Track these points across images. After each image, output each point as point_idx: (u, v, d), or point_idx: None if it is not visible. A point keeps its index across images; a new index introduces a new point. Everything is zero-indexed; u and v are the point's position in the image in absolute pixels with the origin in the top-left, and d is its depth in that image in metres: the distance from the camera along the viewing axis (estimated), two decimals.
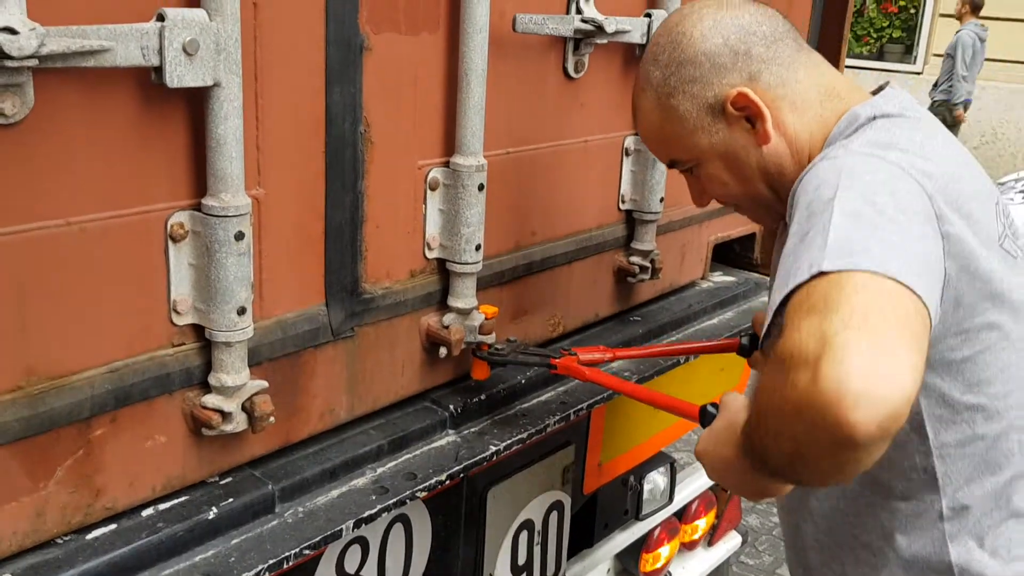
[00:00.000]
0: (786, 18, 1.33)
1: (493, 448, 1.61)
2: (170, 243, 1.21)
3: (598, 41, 1.74)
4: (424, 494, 1.49)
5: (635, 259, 2.04)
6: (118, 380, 1.19)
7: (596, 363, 1.69)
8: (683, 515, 2.64)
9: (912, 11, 12.87)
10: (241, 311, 1.25)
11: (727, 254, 2.57)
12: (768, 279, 2.55)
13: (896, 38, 13.24)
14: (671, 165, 1.41)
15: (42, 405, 1.12)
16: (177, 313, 1.25)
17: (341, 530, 1.37)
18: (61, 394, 1.14)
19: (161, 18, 1.09)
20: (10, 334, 1.08)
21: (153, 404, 1.25)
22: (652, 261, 2.05)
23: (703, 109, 1.29)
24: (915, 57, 13.08)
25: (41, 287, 1.10)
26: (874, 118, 1.26)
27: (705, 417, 1.33)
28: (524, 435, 1.67)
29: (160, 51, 1.09)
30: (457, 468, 1.55)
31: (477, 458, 1.58)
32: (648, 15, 1.84)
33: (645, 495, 2.33)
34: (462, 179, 1.53)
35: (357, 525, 1.39)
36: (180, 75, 1.11)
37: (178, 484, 1.32)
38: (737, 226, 2.47)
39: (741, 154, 1.30)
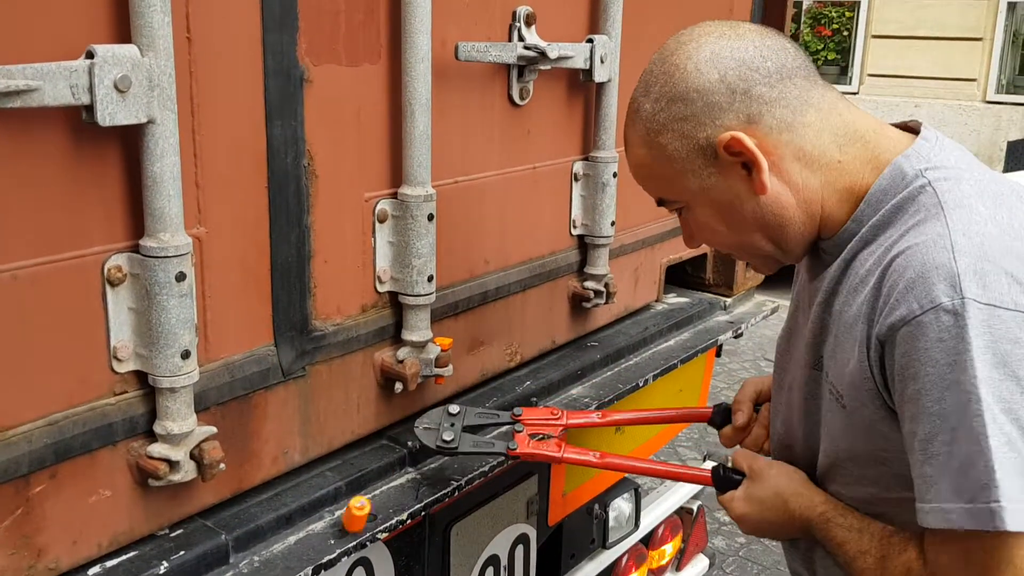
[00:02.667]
0: (800, 49, 1.18)
1: (455, 483, 1.58)
2: (108, 287, 1.17)
3: (542, 68, 1.74)
4: (385, 535, 1.45)
5: (589, 284, 2.02)
6: (57, 433, 1.14)
7: (567, 428, 1.64)
8: (649, 541, 2.62)
9: (845, 33, 13.21)
10: (185, 355, 1.20)
11: (679, 275, 2.57)
12: (721, 299, 2.56)
13: (831, 60, 13.57)
14: (660, 203, 1.28)
15: None
16: (118, 360, 1.20)
17: None
18: None
19: (91, 55, 1.05)
20: None
21: (95, 457, 1.19)
22: (606, 285, 2.04)
23: (694, 150, 1.15)
24: (850, 78, 13.40)
25: None
26: (926, 184, 1.11)
27: (725, 482, 1.38)
28: (486, 468, 1.63)
29: (90, 89, 1.05)
30: (418, 506, 1.50)
31: (439, 495, 1.54)
32: (590, 40, 1.84)
33: (611, 522, 2.30)
34: (411, 210, 1.51)
35: (317, 572, 1.34)
36: (112, 113, 1.07)
37: (125, 539, 1.26)
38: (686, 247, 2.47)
39: (735, 202, 1.18)
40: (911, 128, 1.22)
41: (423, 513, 1.52)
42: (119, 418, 1.21)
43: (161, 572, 1.24)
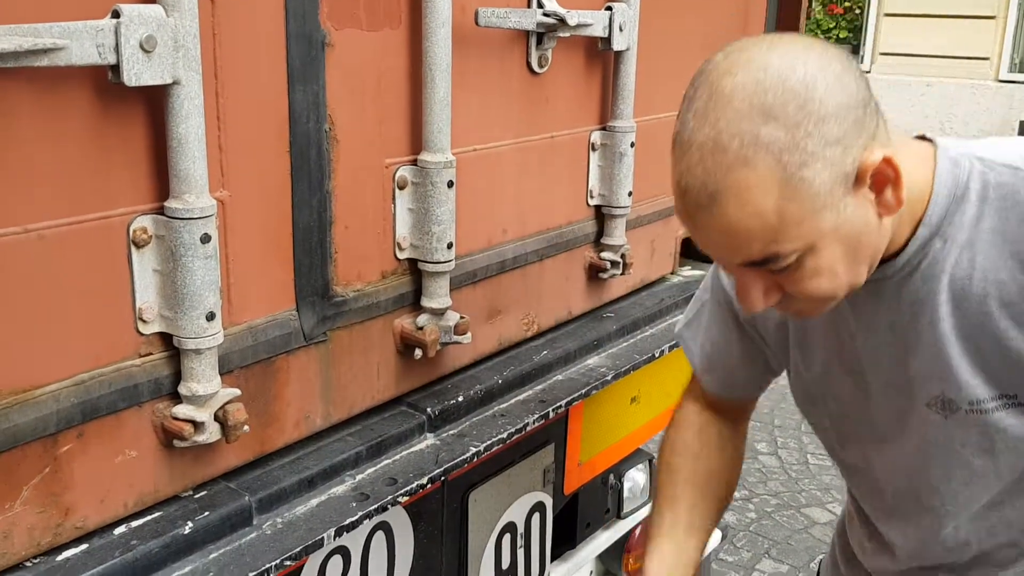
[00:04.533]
0: None
1: (474, 449, 1.59)
2: (133, 249, 1.17)
3: (561, 35, 1.73)
4: (406, 499, 1.46)
5: (606, 255, 2.02)
6: (84, 393, 1.15)
7: None
8: None
9: (857, 11, 13.11)
10: (210, 316, 1.21)
11: (693, 248, 2.56)
12: None
13: (843, 39, 13.47)
14: (763, 263, 1.01)
15: (6, 421, 1.07)
16: (143, 322, 1.20)
17: (323, 539, 1.33)
18: (25, 409, 1.09)
19: (116, 15, 1.05)
20: None
21: (121, 417, 1.20)
22: (623, 256, 2.04)
23: (838, 179, 0.96)
24: (862, 57, 13.31)
25: (3, 298, 1.05)
26: (974, 159, 1.08)
27: None
28: (504, 435, 1.64)
29: (117, 49, 1.05)
30: (438, 471, 1.51)
31: (457, 460, 1.55)
32: (609, 8, 1.84)
33: (625, 493, 2.31)
34: (431, 176, 1.51)
35: (339, 533, 1.35)
36: (138, 73, 1.07)
37: (151, 500, 1.27)
38: None
39: (864, 232, 1.01)
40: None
41: (442, 478, 1.53)
42: (144, 379, 1.21)
43: (186, 532, 1.25)
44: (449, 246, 1.55)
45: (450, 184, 1.52)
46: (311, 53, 1.33)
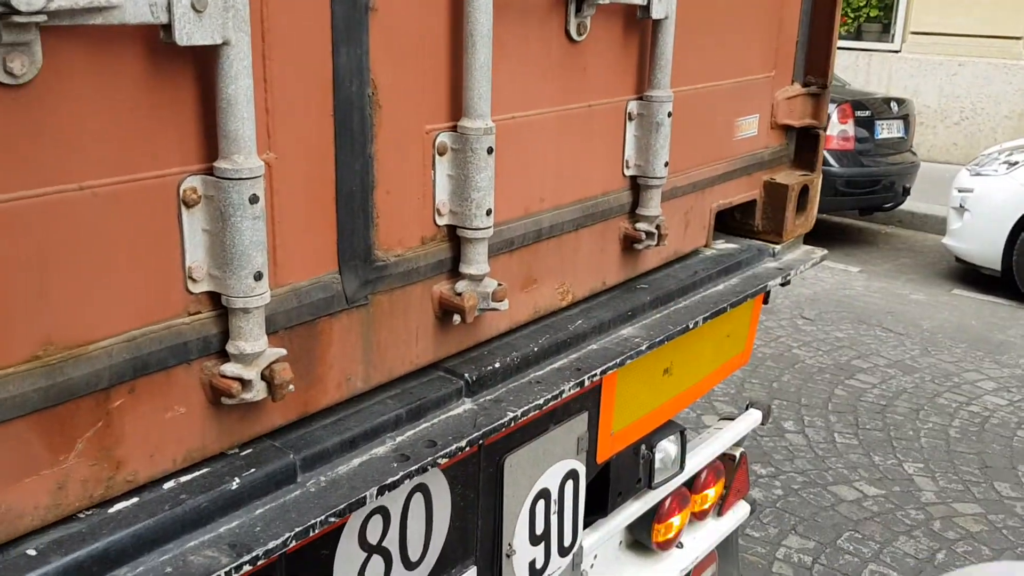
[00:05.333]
0: None
1: (511, 415, 1.60)
2: (183, 208, 1.19)
3: (600, 1, 1.73)
4: (444, 461, 1.48)
5: (641, 225, 2.03)
6: (135, 349, 1.17)
7: None
8: (693, 485, 2.64)
9: None
10: (258, 276, 1.23)
11: (728, 222, 2.56)
12: (770, 246, 2.55)
13: (873, 17, 13.29)
14: None
15: (60, 375, 1.10)
16: (192, 280, 1.22)
17: (365, 497, 1.35)
18: (79, 364, 1.12)
19: None
20: (27, 301, 1.06)
21: (171, 374, 1.23)
22: (658, 227, 2.04)
23: None
24: (892, 36, 13.13)
25: (55, 253, 1.08)
26: None
27: None
28: (540, 401, 1.66)
29: (168, 8, 1.06)
30: (476, 434, 1.53)
31: (495, 424, 1.57)
32: None
33: (657, 464, 2.32)
34: (470, 143, 1.52)
35: (380, 492, 1.37)
36: (189, 33, 1.09)
37: (199, 456, 1.30)
38: (738, 192, 2.47)
39: None
40: None
41: (480, 442, 1.55)
42: (193, 337, 1.24)
43: (233, 488, 1.28)
44: (488, 212, 1.56)
45: (490, 151, 1.53)
46: (355, 16, 1.34)
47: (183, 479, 1.28)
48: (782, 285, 2.59)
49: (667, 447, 2.35)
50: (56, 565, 1.10)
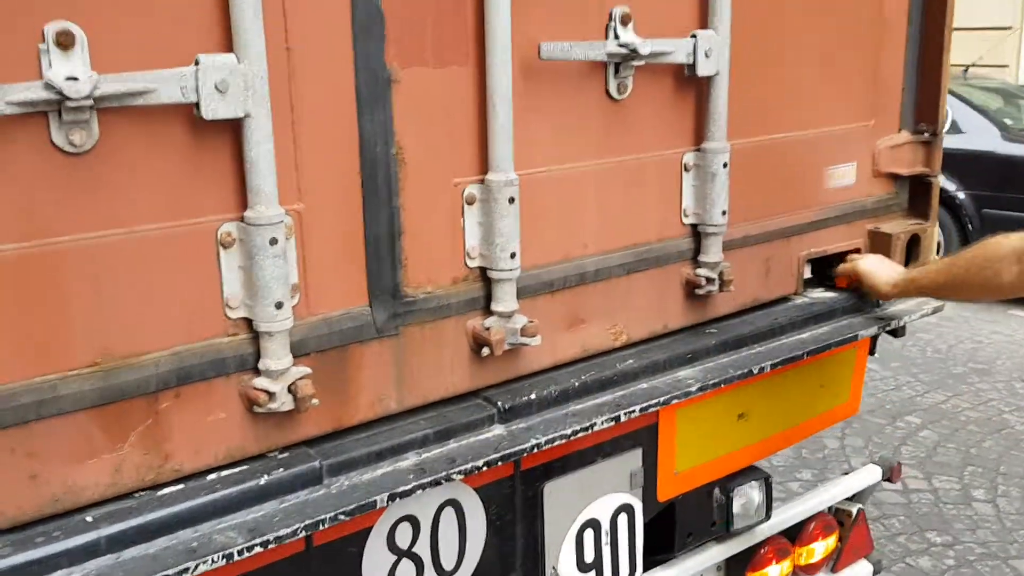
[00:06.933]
0: None
1: (535, 441, 1.74)
2: (221, 249, 1.47)
3: (636, 64, 1.87)
4: (460, 477, 1.65)
5: (701, 271, 2.10)
6: (179, 361, 1.45)
7: None
8: (796, 536, 2.60)
9: None
10: (279, 305, 1.48)
11: (826, 272, 2.54)
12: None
13: None
14: None
15: (116, 378, 1.40)
16: (230, 308, 1.49)
17: (375, 501, 1.55)
18: (130, 370, 1.41)
19: (197, 62, 1.35)
20: (89, 319, 1.37)
21: (212, 384, 1.50)
22: (720, 274, 2.10)
23: None
24: None
25: (114, 283, 1.38)
26: None
27: None
28: (568, 432, 1.79)
29: (196, 90, 1.35)
30: (495, 456, 1.69)
31: (516, 449, 1.71)
32: (694, 35, 1.94)
33: (736, 508, 2.33)
34: (494, 194, 1.70)
35: (392, 498, 1.57)
36: (215, 109, 1.37)
37: (239, 455, 1.55)
38: (834, 241, 2.46)
39: None
40: None
41: (500, 462, 1.70)
42: (231, 354, 1.50)
43: (262, 483, 1.52)
44: (512, 255, 1.73)
45: (511, 200, 1.71)
46: (378, 88, 1.57)
47: (223, 473, 1.54)
48: (890, 334, 2.53)
49: (749, 493, 2.36)
50: (106, 531, 1.39)
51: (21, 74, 1.24)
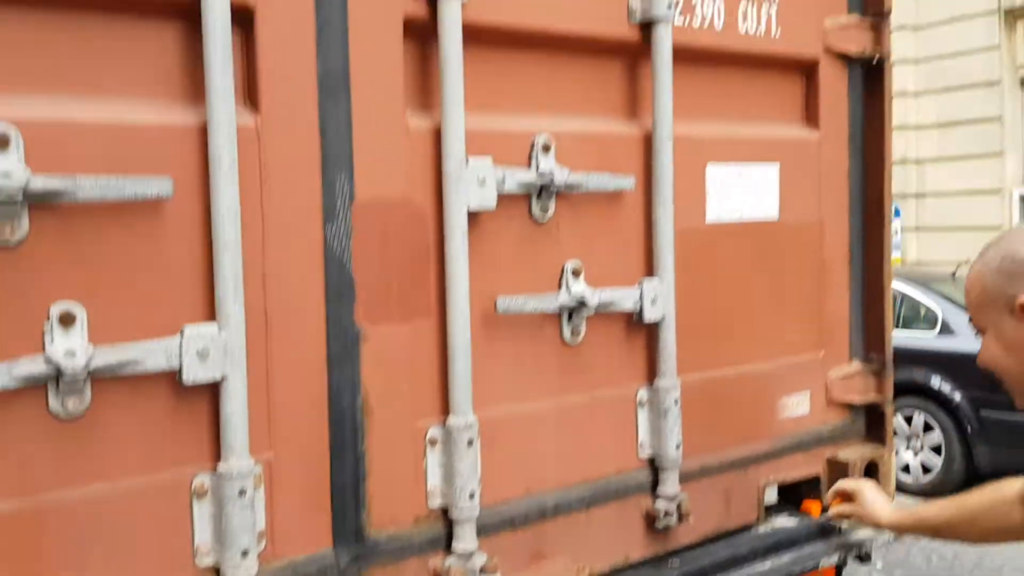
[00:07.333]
0: None
1: None
2: (194, 499, 1.58)
3: (587, 314, 2.05)
4: None
5: (660, 504, 2.19)
6: None
7: None
8: None
9: None
10: (244, 553, 1.57)
11: (791, 495, 2.62)
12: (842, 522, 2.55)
13: None
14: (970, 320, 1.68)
15: None
16: (200, 555, 1.58)
17: None
18: None
19: (182, 333, 1.52)
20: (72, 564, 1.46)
21: None
22: (679, 505, 2.19)
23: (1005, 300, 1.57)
24: None
25: (97, 533, 1.48)
26: None
27: None
28: None
29: (180, 356, 1.51)
30: None
31: None
32: (640, 284, 2.13)
33: None
34: (454, 436, 1.83)
35: None
36: (195, 373, 1.52)
37: None
38: (793, 469, 2.55)
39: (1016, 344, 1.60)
40: None
41: None
42: None
43: None
44: (471, 496, 1.83)
45: (470, 442, 1.83)
46: (347, 346, 1.74)
47: None
48: (857, 559, 2.58)
49: None
50: None
51: (24, 347, 1.40)
